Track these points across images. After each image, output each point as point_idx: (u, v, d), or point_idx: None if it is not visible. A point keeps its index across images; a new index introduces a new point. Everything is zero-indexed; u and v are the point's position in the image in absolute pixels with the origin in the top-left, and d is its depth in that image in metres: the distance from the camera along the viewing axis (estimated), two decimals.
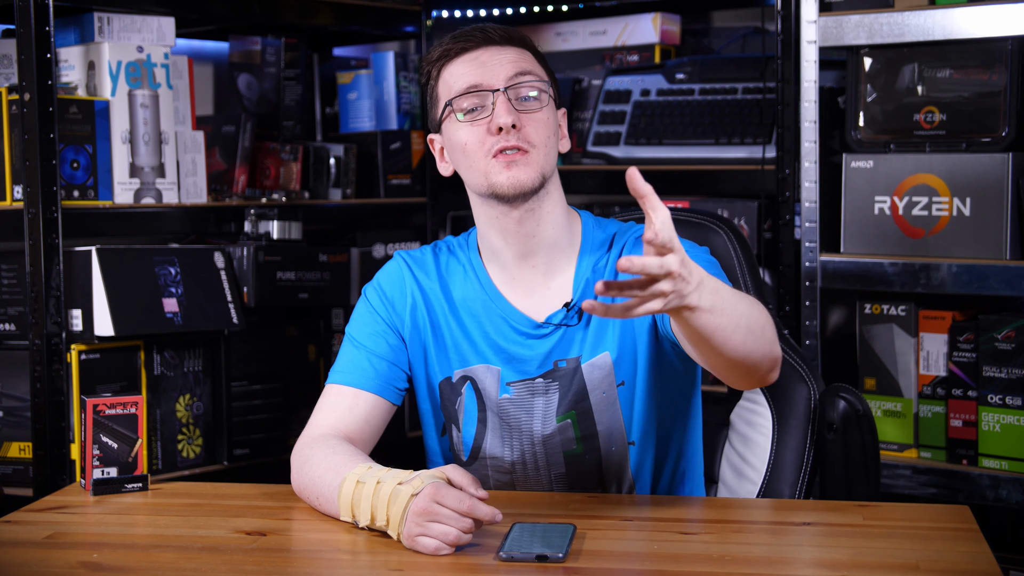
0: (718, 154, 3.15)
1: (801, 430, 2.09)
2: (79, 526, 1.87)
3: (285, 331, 3.08)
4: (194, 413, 2.87)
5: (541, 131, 1.94)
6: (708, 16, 3.65)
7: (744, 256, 2.20)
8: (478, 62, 1.96)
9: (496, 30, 1.99)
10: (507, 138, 1.92)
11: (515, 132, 1.92)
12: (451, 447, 2.05)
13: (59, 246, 2.58)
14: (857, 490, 2.09)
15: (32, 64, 2.54)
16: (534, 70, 1.97)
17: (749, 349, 1.73)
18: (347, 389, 1.98)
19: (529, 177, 1.92)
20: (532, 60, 1.99)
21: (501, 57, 1.96)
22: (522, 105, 1.94)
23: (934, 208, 2.75)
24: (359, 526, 1.76)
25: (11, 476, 2.70)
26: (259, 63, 3.36)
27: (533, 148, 1.93)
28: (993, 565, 1.60)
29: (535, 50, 2.02)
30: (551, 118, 1.97)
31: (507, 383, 2.00)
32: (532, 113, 1.94)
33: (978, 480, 2.71)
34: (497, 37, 1.98)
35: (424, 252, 2.09)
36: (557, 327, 1.98)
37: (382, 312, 2.04)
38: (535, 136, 1.93)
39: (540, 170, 1.94)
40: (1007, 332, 2.67)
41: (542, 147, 1.94)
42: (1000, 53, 2.68)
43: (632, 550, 1.70)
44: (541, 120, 1.95)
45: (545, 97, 1.96)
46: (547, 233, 1.99)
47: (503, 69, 1.95)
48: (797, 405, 2.11)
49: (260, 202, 3.09)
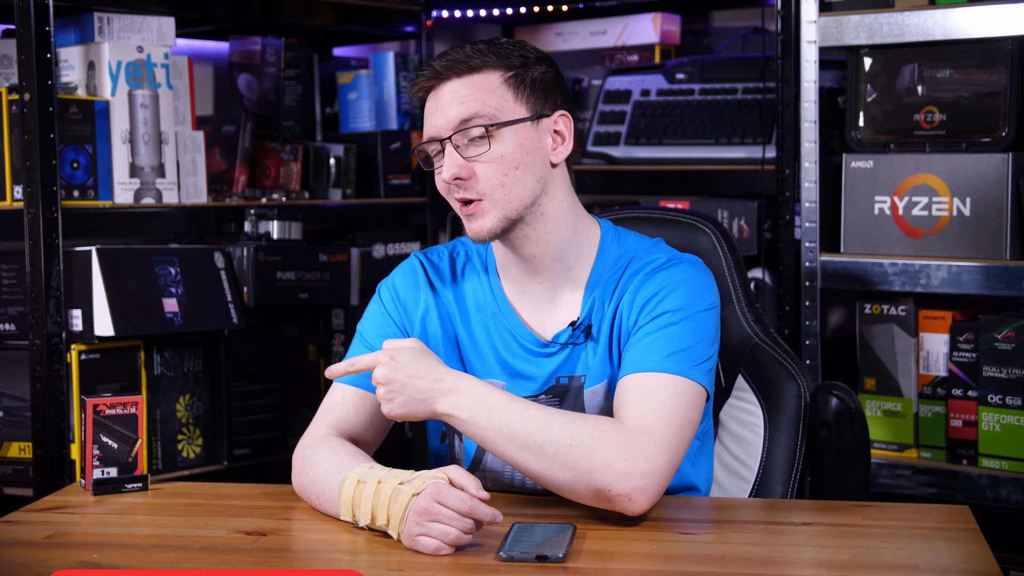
0: (718, 154, 3.15)
1: (792, 428, 2.09)
2: (79, 526, 1.87)
3: (285, 331, 3.08)
4: (194, 413, 2.87)
5: (493, 175, 1.87)
6: (708, 16, 3.65)
7: (731, 255, 2.19)
8: (435, 103, 1.89)
9: (452, 59, 1.89)
10: (457, 191, 1.89)
11: (465, 182, 1.87)
12: (451, 455, 2.04)
13: (59, 246, 2.58)
14: (850, 487, 2.10)
15: (32, 64, 2.54)
16: (482, 108, 1.87)
17: (536, 470, 1.77)
18: (353, 390, 1.97)
19: (487, 226, 1.89)
20: (489, 87, 1.88)
21: (452, 96, 1.88)
22: (471, 149, 1.87)
23: (934, 208, 2.75)
24: (359, 526, 1.76)
25: (11, 476, 2.70)
26: (259, 63, 3.36)
27: (486, 196, 1.88)
28: (993, 565, 1.60)
29: (505, 64, 1.90)
30: (508, 152, 1.87)
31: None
32: (480, 160, 1.87)
33: (978, 480, 2.71)
34: (445, 70, 1.88)
35: (442, 255, 2.05)
36: (563, 346, 1.96)
37: (394, 314, 2.02)
38: (486, 183, 1.87)
39: (501, 214, 1.88)
40: (1007, 332, 2.67)
41: (498, 189, 1.87)
42: (1000, 53, 2.68)
43: (632, 550, 1.70)
44: (492, 163, 1.87)
45: (502, 134, 1.87)
46: (549, 252, 1.94)
47: (451, 113, 1.87)
48: (787, 403, 2.11)
49: (260, 202, 3.09)
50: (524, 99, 1.91)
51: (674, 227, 2.20)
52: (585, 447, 1.74)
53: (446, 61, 1.89)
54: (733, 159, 3.13)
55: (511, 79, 1.90)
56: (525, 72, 1.92)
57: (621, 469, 1.73)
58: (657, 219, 2.22)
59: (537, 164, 1.91)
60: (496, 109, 1.88)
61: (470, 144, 1.87)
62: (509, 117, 1.89)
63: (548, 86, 1.94)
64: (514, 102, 1.90)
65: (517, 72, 1.91)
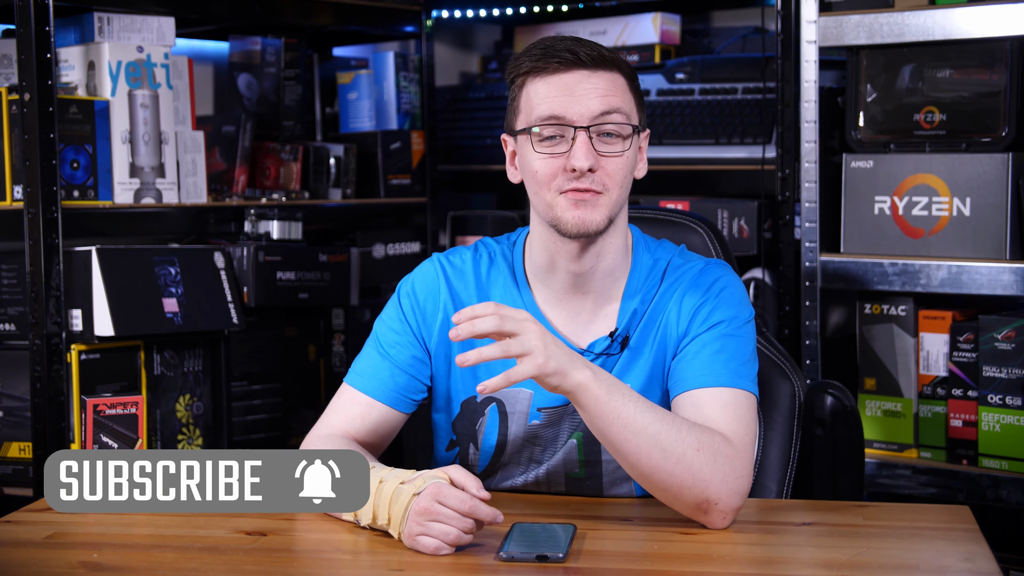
0: (718, 154, 3.15)
1: (787, 426, 2.11)
2: (79, 526, 1.87)
3: (285, 331, 3.08)
4: (194, 413, 2.87)
5: (619, 173, 1.85)
6: (708, 16, 3.65)
7: (723, 255, 2.20)
8: (565, 88, 1.84)
9: (590, 50, 1.85)
10: (581, 180, 1.83)
11: (590, 174, 1.83)
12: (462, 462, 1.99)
13: (59, 246, 2.58)
14: (844, 485, 2.11)
15: (32, 64, 2.54)
16: (622, 105, 1.85)
17: (654, 467, 1.72)
18: (362, 396, 1.96)
19: (596, 220, 1.85)
20: (623, 88, 1.87)
21: (590, 86, 1.84)
22: (603, 144, 1.84)
23: (934, 208, 2.75)
24: (360, 525, 1.76)
25: (11, 476, 2.70)
26: (259, 63, 3.36)
27: (606, 191, 1.85)
28: (993, 565, 1.60)
29: (628, 71, 1.89)
30: (631, 156, 1.87)
31: (538, 408, 1.94)
32: (612, 156, 1.84)
33: (978, 480, 2.71)
34: (589, 60, 1.84)
35: (464, 258, 2.00)
36: (598, 356, 1.92)
37: (411, 321, 1.98)
38: (611, 179, 1.85)
39: (609, 212, 1.86)
40: (1007, 332, 2.67)
41: (616, 189, 1.85)
42: (1000, 53, 2.68)
43: (632, 550, 1.70)
44: (621, 161, 1.85)
45: (630, 136, 1.86)
46: (604, 267, 1.92)
47: (589, 103, 1.83)
48: (781, 401, 2.12)
49: (260, 202, 3.09)
50: (640, 108, 1.91)
51: (667, 227, 2.20)
52: (708, 455, 1.74)
53: (587, 50, 1.84)
54: (733, 159, 3.13)
55: (633, 86, 1.90)
56: (637, 83, 1.91)
57: (733, 486, 1.75)
58: (650, 219, 2.22)
59: (632, 174, 1.91)
60: (631, 110, 1.87)
61: (599, 139, 1.84)
62: (636, 122, 1.88)
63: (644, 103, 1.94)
64: (637, 109, 1.90)
65: (634, 81, 1.91)
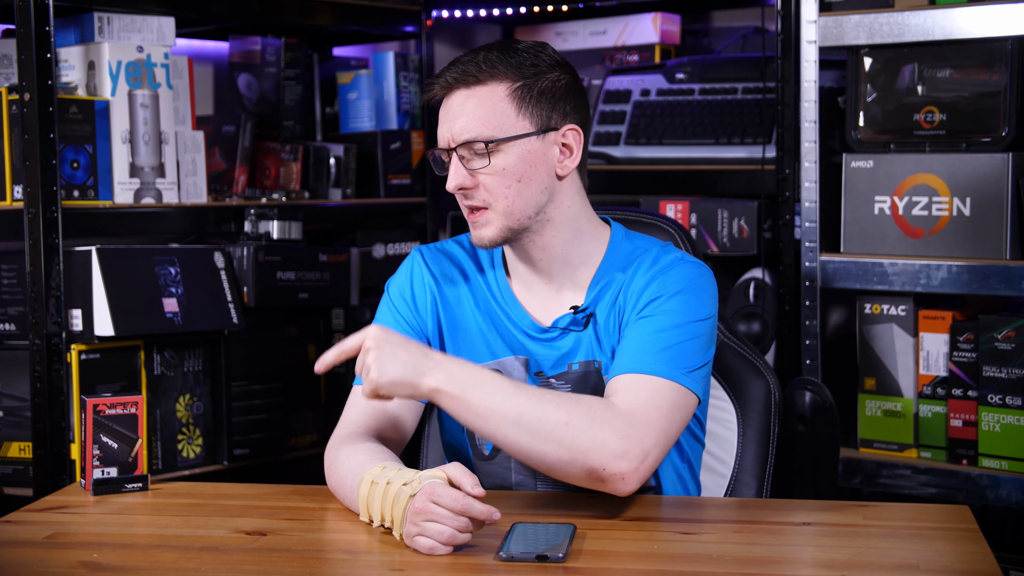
0: (718, 154, 3.15)
1: (764, 424, 2.12)
2: (79, 526, 1.87)
3: (285, 331, 3.08)
4: (194, 413, 2.87)
5: (496, 187, 1.89)
6: (708, 16, 3.65)
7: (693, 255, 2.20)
8: (445, 112, 1.92)
9: (460, 70, 1.90)
10: (465, 199, 1.92)
11: (469, 191, 1.91)
12: (472, 443, 2.03)
13: (59, 246, 2.58)
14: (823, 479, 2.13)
15: (32, 64, 2.54)
16: (481, 129, 1.88)
17: (529, 450, 1.76)
18: None
19: (487, 236, 1.93)
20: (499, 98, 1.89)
21: (458, 109, 1.90)
22: (474, 162, 1.90)
23: (934, 208, 2.75)
24: (374, 526, 1.77)
25: (11, 476, 2.70)
26: (259, 63, 3.36)
27: (491, 205, 1.91)
28: (993, 565, 1.60)
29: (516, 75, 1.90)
30: (511, 165, 1.89)
31: (535, 373, 1.99)
32: (482, 172, 1.90)
33: (978, 480, 2.71)
34: (456, 81, 1.90)
35: (444, 247, 2.08)
36: (563, 331, 1.97)
37: (405, 314, 2.03)
38: (491, 193, 1.90)
39: (503, 224, 1.91)
40: (1007, 332, 2.67)
41: (501, 200, 1.90)
42: (1000, 53, 2.68)
43: (632, 550, 1.70)
44: (495, 175, 1.89)
45: (504, 147, 1.88)
46: (555, 256, 1.97)
47: (451, 126, 1.90)
48: (756, 399, 2.14)
49: (260, 202, 3.09)
50: (529, 112, 1.91)
51: (638, 228, 2.20)
52: (581, 426, 1.75)
53: (455, 72, 1.91)
54: (733, 159, 3.13)
55: (517, 91, 1.90)
56: (534, 82, 1.91)
57: (617, 448, 1.74)
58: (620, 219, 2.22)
59: (542, 176, 1.92)
60: (497, 126, 1.89)
61: (474, 156, 1.90)
62: (510, 133, 1.89)
63: (558, 95, 1.93)
64: (517, 116, 1.90)
65: (525, 83, 1.91)
